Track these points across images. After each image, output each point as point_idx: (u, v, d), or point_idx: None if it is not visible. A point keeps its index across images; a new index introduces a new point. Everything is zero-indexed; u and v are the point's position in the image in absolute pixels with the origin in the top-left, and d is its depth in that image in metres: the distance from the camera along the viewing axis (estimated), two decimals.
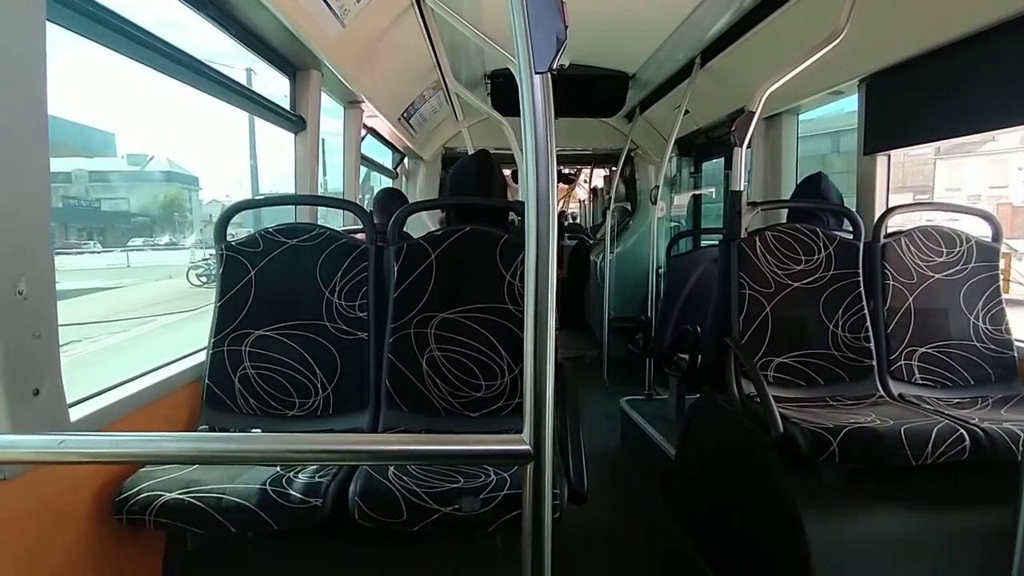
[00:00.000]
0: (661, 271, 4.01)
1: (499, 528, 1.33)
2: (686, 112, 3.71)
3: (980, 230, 2.27)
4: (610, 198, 5.07)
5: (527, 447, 0.78)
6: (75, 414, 1.32)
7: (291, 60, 2.39)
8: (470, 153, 2.24)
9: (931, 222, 2.31)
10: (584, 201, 12.77)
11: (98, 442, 0.83)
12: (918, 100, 2.28)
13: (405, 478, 1.38)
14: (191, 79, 1.89)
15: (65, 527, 1.29)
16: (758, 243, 2.16)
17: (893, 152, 2.62)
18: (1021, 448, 1.10)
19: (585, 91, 4.24)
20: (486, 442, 0.83)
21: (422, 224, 4.61)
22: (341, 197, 3.19)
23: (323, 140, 2.67)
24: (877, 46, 2.35)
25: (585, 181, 10.56)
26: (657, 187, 4.07)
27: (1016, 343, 2.11)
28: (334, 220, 3.33)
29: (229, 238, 1.89)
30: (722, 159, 4.40)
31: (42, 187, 1.16)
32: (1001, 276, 2.18)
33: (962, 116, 2.11)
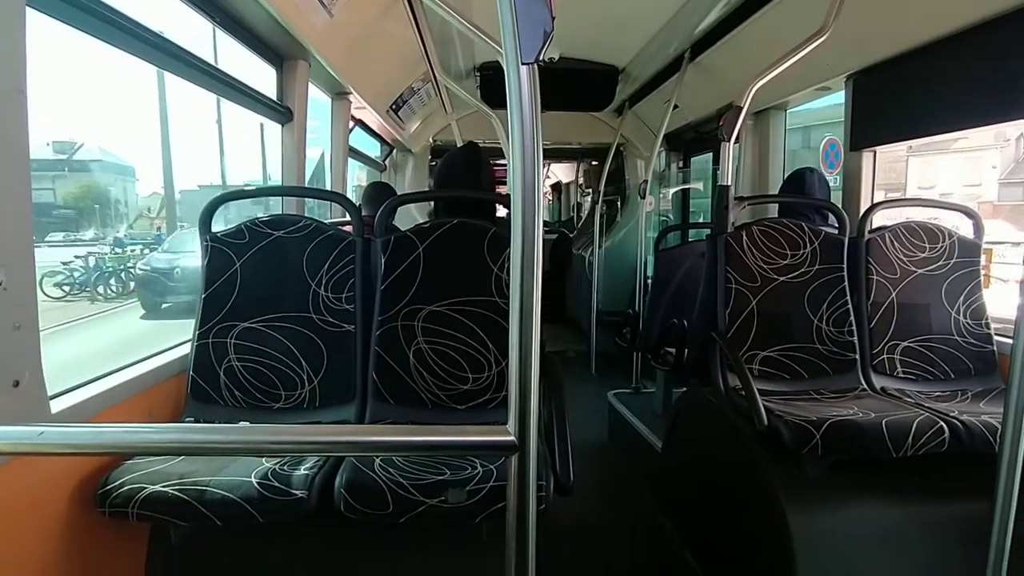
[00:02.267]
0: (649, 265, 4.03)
1: (485, 520, 1.33)
2: (675, 107, 3.71)
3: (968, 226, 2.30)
4: (599, 192, 5.08)
5: (512, 438, 0.78)
6: (56, 406, 1.30)
7: (278, 50, 2.37)
8: (459, 146, 2.23)
9: (909, 219, 2.33)
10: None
11: (78, 434, 0.82)
12: (905, 97, 2.30)
13: (391, 470, 1.38)
14: (177, 68, 1.87)
15: (47, 519, 1.28)
16: (744, 238, 2.17)
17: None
18: (998, 440, 1.11)
19: (574, 85, 4.23)
20: (471, 433, 0.83)
21: (411, 218, 4.60)
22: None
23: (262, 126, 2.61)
24: (864, 43, 2.37)
25: (547, 177, 10.55)
26: (646, 181, 4.08)
27: (996, 337, 2.15)
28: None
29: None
30: (711, 154, 4.42)
31: (22, 177, 1.14)
32: (982, 271, 2.21)
33: (949, 113, 2.13)
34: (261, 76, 2.34)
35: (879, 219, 2.32)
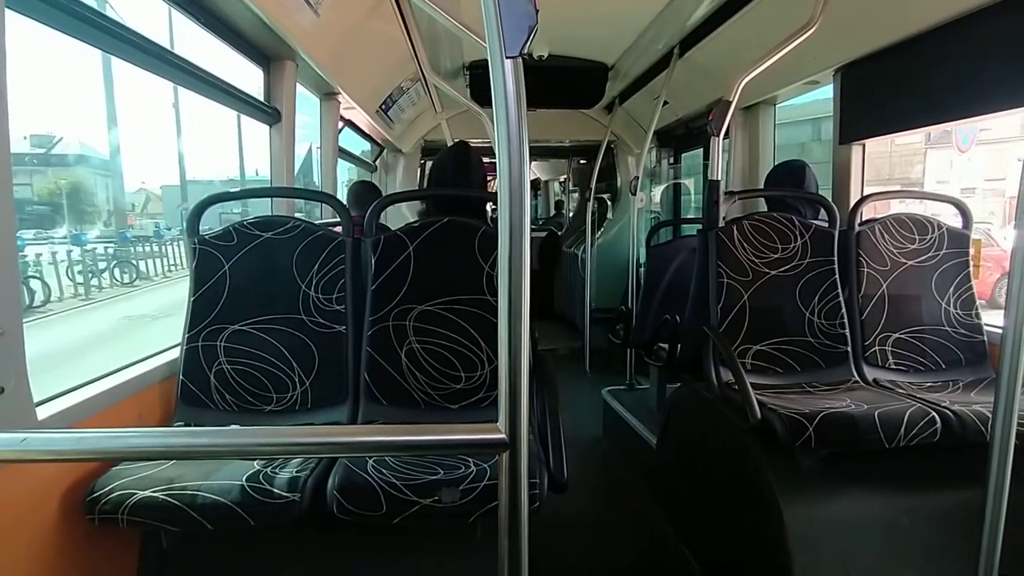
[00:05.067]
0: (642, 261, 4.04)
1: (479, 519, 1.33)
2: (665, 103, 3.72)
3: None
4: (591, 190, 5.09)
5: (503, 436, 0.78)
6: (42, 413, 1.29)
7: (264, 50, 2.35)
8: (449, 145, 2.23)
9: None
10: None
11: (62, 439, 0.80)
12: (893, 89, 2.31)
13: (384, 471, 1.37)
14: (161, 69, 1.85)
15: (35, 528, 1.26)
16: (735, 232, 2.17)
17: (879, 142, 2.65)
18: (990, 429, 1.12)
19: (564, 82, 4.23)
20: (462, 431, 0.83)
21: (403, 218, 4.59)
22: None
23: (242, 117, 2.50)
24: (852, 36, 2.37)
25: None
26: (637, 178, 4.09)
27: (985, 327, 2.16)
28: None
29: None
30: (701, 149, 4.43)
31: (3, 179, 1.12)
32: (971, 263, 2.22)
33: (937, 105, 2.14)
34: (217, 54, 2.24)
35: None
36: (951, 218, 2.32)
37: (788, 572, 1.60)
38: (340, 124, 3.34)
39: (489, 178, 2.45)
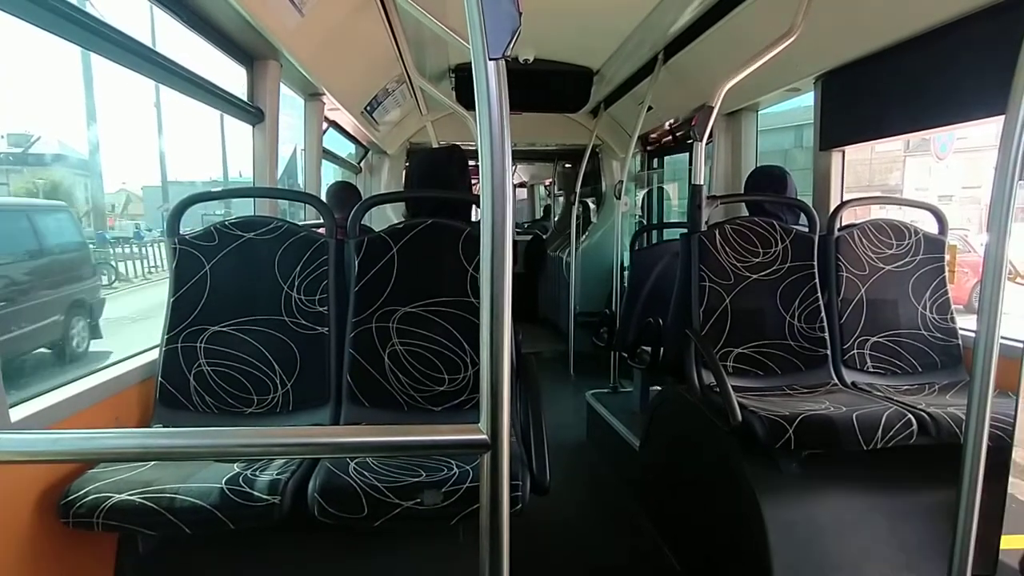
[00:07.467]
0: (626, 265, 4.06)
1: (461, 521, 1.32)
2: (649, 108, 3.75)
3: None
4: (576, 193, 5.10)
5: (484, 436, 0.77)
6: (16, 414, 1.26)
7: (248, 50, 2.33)
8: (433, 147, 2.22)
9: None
10: None
11: (37, 440, 0.79)
12: (872, 97, 2.35)
13: (366, 473, 1.36)
14: (142, 67, 1.83)
15: (8, 532, 1.23)
16: (718, 236, 2.19)
17: (859, 149, 2.69)
18: (964, 431, 1.14)
19: (549, 86, 4.26)
20: (443, 432, 0.82)
21: (386, 220, 4.57)
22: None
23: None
24: (832, 44, 2.41)
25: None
26: (621, 182, 4.11)
27: (960, 331, 2.20)
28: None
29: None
30: (685, 154, 4.47)
31: None
32: (947, 268, 2.27)
33: (914, 113, 2.19)
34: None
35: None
36: (929, 224, 2.36)
37: (768, 572, 1.62)
38: (324, 125, 3.32)
39: (474, 181, 2.45)
